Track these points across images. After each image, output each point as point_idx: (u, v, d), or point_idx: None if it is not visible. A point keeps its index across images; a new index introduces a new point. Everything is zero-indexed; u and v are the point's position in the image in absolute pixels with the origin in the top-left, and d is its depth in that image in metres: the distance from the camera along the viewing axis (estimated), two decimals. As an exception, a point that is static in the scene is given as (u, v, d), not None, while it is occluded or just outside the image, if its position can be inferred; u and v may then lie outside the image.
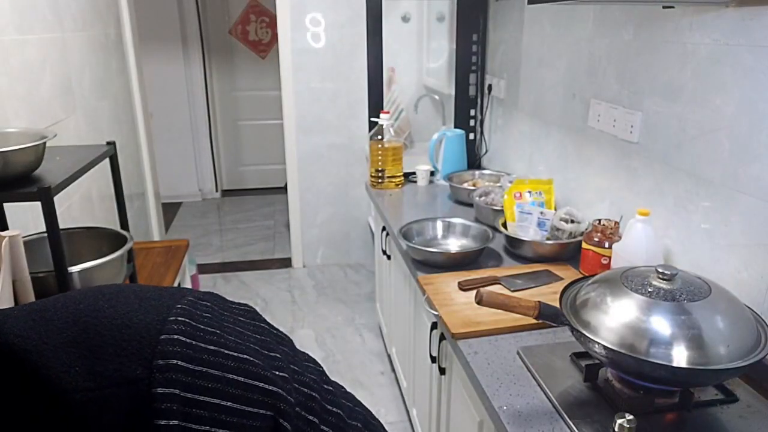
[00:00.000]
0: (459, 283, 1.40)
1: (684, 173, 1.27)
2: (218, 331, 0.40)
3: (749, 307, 0.94)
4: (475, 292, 1.00)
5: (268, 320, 0.47)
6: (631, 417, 0.82)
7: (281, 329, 0.50)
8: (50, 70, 1.96)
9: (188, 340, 0.38)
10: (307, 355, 0.49)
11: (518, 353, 1.13)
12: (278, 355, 0.43)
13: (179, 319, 0.39)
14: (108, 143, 1.55)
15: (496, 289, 1.38)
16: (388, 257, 2.13)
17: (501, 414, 0.97)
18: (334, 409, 0.47)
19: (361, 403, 0.51)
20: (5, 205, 1.43)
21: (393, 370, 2.40)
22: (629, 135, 1.46)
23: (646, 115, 1.40)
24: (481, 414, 1.14)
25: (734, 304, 0.92)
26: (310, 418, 0.44)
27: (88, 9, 2.46)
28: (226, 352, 0.40)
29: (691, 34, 1.22)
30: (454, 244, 1.70)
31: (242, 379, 0.40)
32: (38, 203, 1.14)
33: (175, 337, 0.38)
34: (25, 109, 1.75)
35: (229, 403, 0.39)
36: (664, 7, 1.28)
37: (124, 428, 0.36)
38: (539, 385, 1.04)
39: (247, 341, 0.42)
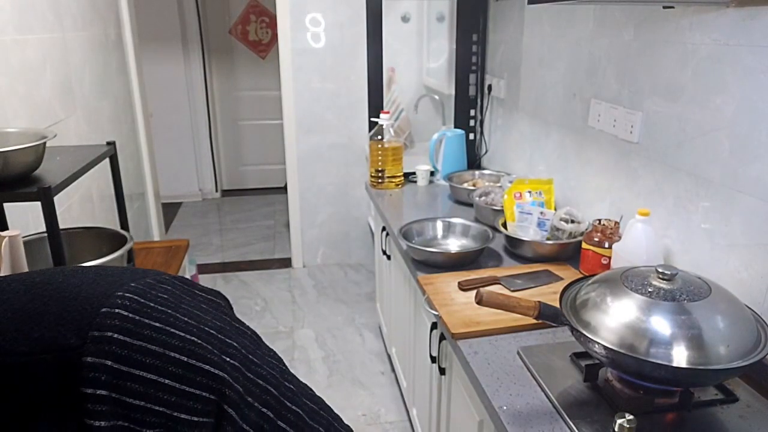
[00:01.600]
0: (459, 283, 1.40)
1: (684, 173, 1.27)
2: (170, 311, 0.40)
3: (749, 307, 0.94)
4: (475, 292, 1.00)
5: (240, 316, 0.47)
6: (631, 417, 0.82)
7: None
8: (50, 70, 1.96)
9: (130, 315, 0.38)
10: (273, 351, 0.48)
11: (518, 353, 1.13)
12: (234, 344, 0.43)
13: (127, 295, 0.39)
14: (108, 143, 1.55)
15: (496, 289, 1.38)
16: (388, 257, 2.13)
17: (501, 414, 0.97)
18: (293, 407, 0.46)
19: (329, 408, 0.51)
20: (5, 205, 1.43)
21: (393, 370, 2.40)
22: (629, 135, 1.46)
23: (646, 115, 1.40)
24: (481, 414, 1.14)
25: (734, 304, 0.92)
26: (264, 410, 0.44)
27: (88, 9, 2.46)
28: (171, 330, 0.39)
29: (691, 34, 1.22)
30: (454, 244, 1.70)
31: (185, 359, 0.39)
32: (38, 203, 1.14)
33: (116, 311, 0.38)
34: (25, 109, 1.75)
35: (167, 381, 0.39)
36: (664, 7, 1.28)
37: (53, 394, 0.37)
38: (539, 385, 1.04)
39: (203, 325, 0.42)
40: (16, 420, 0.37)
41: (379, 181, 2.30)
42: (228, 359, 0.42)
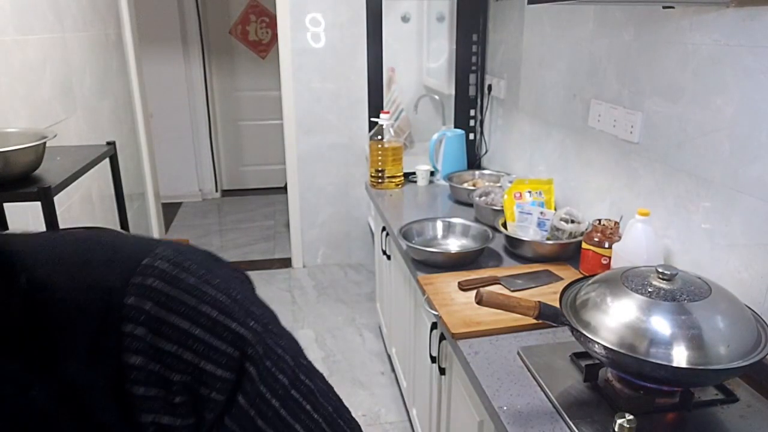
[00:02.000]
0: (459, 283, 1.40)
1: (684, 173, 1.27)
2: (203, 271, 0.44)
3: (749, 307, 0.94)
4: (475, 292, 1.00)
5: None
6: (631, 417, 0.82)
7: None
8: (50, 70, 1.96)
9: (169, 267, 0.42)
10: (290, 334, 0.51)
11: (518, 353, 1.13)
12: (256, 313, 0.46)
13: (166, 251, 0.43)
14: (108, 143, 1.55)
15: (496, 289, 1.38)
16: (388, 257, 2.13)
17: (501, 414, 0.97)
18: (307, 381, 0.48)
19: (336, 394, 0.52)
20: (5, 205, 1.43)
21: (393, 370, 2.39)
22: (629, 135, 1.46)
23: (646, 116, 1.40)
24: (481, 414, 1.14)
25: (734, 304, 0.92)
26: (280, 377, 0.46)
27: (88, 9, 2.46)
28: (205, 287, 0.43)
29: (691, 34, 1.22)
30: (454, 244, 1.70)
31: (215, 314, 0.43)
32: (38, 203, 1.14)
33: (157, 263, 0.42)
34: (25, 109, 1.75)
35: (198, 332, 0.42)
36: (664, 8, 1.28)
37: (96, 331, 0.41)
38: (539, 385, 1.04)
39: (231, 290, 0.45)
40: (56, 356, 0.41)
41: (379, 181, 2.30)
42: (251, 323, 0.45)
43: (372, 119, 2.37)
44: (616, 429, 0.83)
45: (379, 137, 2.25)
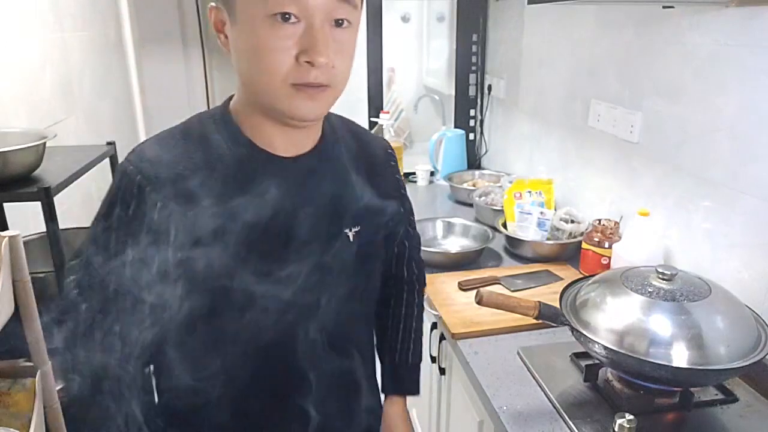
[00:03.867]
0: (459, 283, 1.40)
1: (684, 173, 1.27)
2: None
3: (749, 307, 0.94)
4: (475, 292, 1.00)
5: None
6: (631, 417, 0.82)
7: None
8: (50, 70, 1.96)
9: None
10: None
11: (518, 353, 1.13)
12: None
13: None
14: (108, 143, 1.55)
15: (496, 289, 1.38)
16: (388, 257, 2.13)
17: (501, 414, 0.97)
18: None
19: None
20: (5, 205, 1.43)
21: (393, 370, 2.39)
22: (629, 135, 1.46)
23: (646, 115, 1.40)
24: (481, 414, 1.14)
25: (734, 304, 0.92)
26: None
27: (88, 9, 2.46)
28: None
29: (691, 34, 1.22)
30: (454, 244, 1.70)
31: (399, 177, 1.04)
32: (38, 203, 1.14)
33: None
34: (25, 109, 1.75)
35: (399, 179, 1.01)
36: (664, 7, 1.28)
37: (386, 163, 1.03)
38: (539, 385, 1.04)
39: None
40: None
41: (379, 181, 2.29)
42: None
43: (372, 119, 2.37)
44: (616, 429, 0.83)
45: (379, 137, 2.24)
